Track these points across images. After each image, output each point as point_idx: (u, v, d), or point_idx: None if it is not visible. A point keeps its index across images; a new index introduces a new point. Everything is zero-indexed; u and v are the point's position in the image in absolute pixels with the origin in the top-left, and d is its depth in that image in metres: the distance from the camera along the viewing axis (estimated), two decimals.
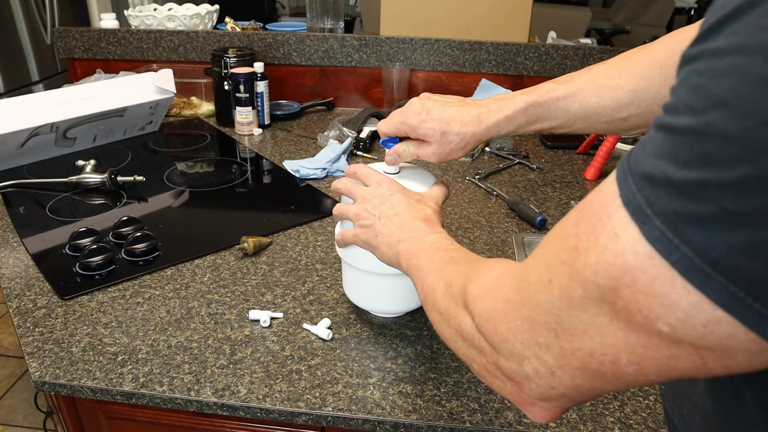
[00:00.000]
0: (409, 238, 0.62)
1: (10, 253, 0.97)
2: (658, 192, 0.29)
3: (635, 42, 4.50)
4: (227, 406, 0.68)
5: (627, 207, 0.31)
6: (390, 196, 0.67)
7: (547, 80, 0.69)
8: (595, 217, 0.33)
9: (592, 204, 0.34)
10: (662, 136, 0.30)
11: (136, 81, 1.40)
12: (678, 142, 0.29)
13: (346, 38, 1.63)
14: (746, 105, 0.26)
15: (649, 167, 0.30)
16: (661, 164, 0.29)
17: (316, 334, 0.78)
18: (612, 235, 0.31)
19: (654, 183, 0.29)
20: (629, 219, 0.30)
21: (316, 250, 0.98)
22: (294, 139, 1.47)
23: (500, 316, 0.40)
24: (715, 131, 0.27)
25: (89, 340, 0.77)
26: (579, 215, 0.34)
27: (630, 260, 0.30)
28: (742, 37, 0.27)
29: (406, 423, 0.66)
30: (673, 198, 0.29)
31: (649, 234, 0.29)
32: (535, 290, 0.37)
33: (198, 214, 1.11)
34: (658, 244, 0.29)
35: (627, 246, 0.30)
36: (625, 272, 0.31)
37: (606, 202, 0.32)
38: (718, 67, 0.28)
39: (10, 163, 1.28)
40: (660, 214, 0.29)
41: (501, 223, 1.08)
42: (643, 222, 0.30)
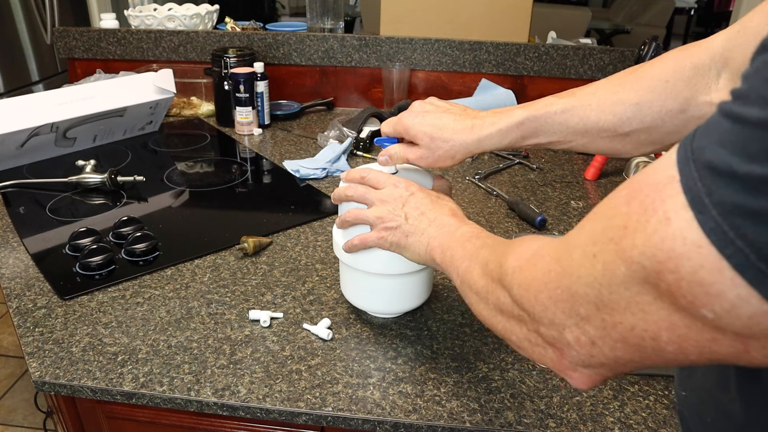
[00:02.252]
0: (441, 233, 0.62)
1: (10, 253, 0.97)
2: (719, 182, 0.28)
3: (635, 42, 4.50)
4: (227, 406, 0.68)
5: (686, 194, 0.30)
6: (410, 195, 0.67)
7: (547, 80, 0.69)
8: (649, 199, 0.32)
9: (647, 184, 0.33)
10: (729, 124, 0.29)
11: (136, 81, 1.40)
12: (746, 133, 0.28)
13: (346, 38, 1.63)
14: None
15: (713, 156, 0.29)
16: (725, 154, 0.28)
17: (316, 334, 0.78)
18: (664, 219, 0.31)
19: (716, 173, 0.29)
20: (686, 205, 0.30)
21: (316, 250, 0.98)
22: (294, 139, 1.47)
23: (540, 286, 0.40)
24: None
25: (89, 340, 0.77)
26: (631, 193, 0.34)
27: (677, 246, 0.30)
28: None
29: (406, 423, 0.66)
30: (734, 190, 0.28)
31: (704, 224, 0.29)
32: (578, 263, 0.37)
33: (198, 214, 1.11)
34: (713, 236, 0.29)
35: (677, 232, 0.30)
36: (670, 257, 0.30)
37: (663, 184, 0.31)
38: None
39: (10, 163, 1.28)
40: (718, 205, 0.28)
41: (501, 223, 1.08)
42: (700, 211, 0.29)
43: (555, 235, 1.04)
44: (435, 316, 0.82)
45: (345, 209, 0.72)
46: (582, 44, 1.62)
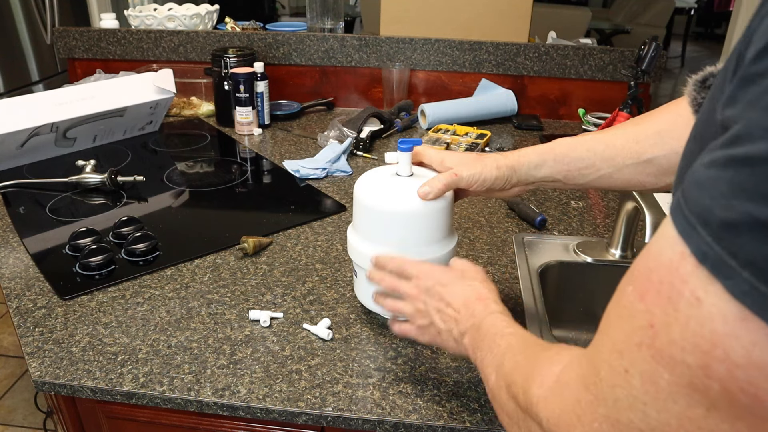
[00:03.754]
0: (469, 328, 0.58)
1: (10, 253, 0.97)
2: (742, 238, 0.25)
3: (635, 42, 4.50)
4: (227, 406, 0.68)
5: (704, 263, 0.26)
6: (433, 286, 0.63)
7: (547, 80, 0.70)
8: (666, 285, 0.28)
9: (654, 271, 0.29)
10: (734, 171, 0.25)
11: (136, 81, 1.40)
12: (759, 173, 0.24)
13: (346, 38, 1.63)
14: None
15: (725, 211, 0.25)
16: (740, 204, 0.25)
17: (316, 334, 0.78)
18: (693, 301, 0.26)
19: (735, 228, 0.25)
20: (710, 277, 0.26)
21: (316, 250, 0.98)
22: (294, 139, 1.47)
23: (572, 420, 0.34)
24: None
25: (89, 340, 0.77)
26: (641, 286, 0.30)
27: (718, 327, 0.25)
28: None
29: (406, 423, 0.66)
30: (762, 241, 0.24)
31: (736, 289, 0.25)
32: (610, 385, 0.31)
33: (198, 214, 1.11)
34: (750, 300, 0.24)
35: (713, 309, 0.26)
36: (715, 343, 0.25)
37: (674, 265, 0.27)
38: None
39: (10, 163, 1.28)
40: (748, 265, 0.24)
41: (501, 223, 1.08)
42: (727, 277, 0.25)
43: (555, 234, 1.04)
44: None
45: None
46: (582, 44, 1.62)
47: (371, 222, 0.73)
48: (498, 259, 0.96)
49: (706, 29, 7.81)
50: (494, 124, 1.58)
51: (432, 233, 0.72)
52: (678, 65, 6.52)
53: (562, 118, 1.65)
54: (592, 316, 1.01)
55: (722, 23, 7.59)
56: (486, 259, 0.96)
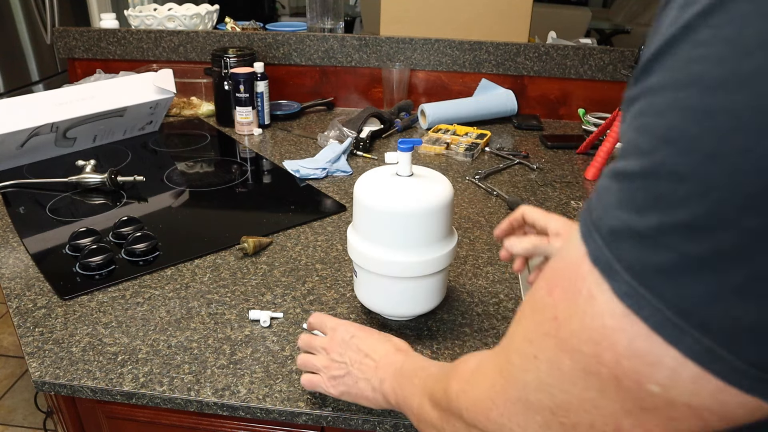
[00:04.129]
0: (389, 373, 0.59)
1: (10, 253, 0.97)
2: (624, 245, 0.28)
3: (635, 42, 4.51)
4: (227, 406, 0.68)
5: (596, 264, 0.29)
6: (351, 338, 0.65)
7: (547, 80, 0.69)
8: (569, 282, 0.31)
9: (561, 269, 0.32)
10: (616, 184, 0.29)
11: (136, 81, 1.40)
12: (632, 187, 0.28)
13: (346, 38, 1.63)
14: (689, 140, 0.25)
15: (612, 220, 0.29)
16: (621, 214, 0.28)
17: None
18: (588, 298, 0.30)
19: (618, 236, 0.28)
20: (602, 277, 0.29)
21: (316, 250, 0.98)
22: (294, 139, 1.47)
23: (488, 404, 0.38)
24: (665, 170, 0.26)
25: (89, 340, 0.77)
26: (550, 283, 0.33)
27: (608, 322, 0.29)
28: (676, 71, 0.26)
29: (406, 423, 0.66)
30: (637, 249, 0.27)
31: (619, 290, 0.28)
32: (521, 369, 0.35)
33: (198, 214, 1.11)
34: (629, 300, 0.28)
35: (604, 306, 0.29)
36: (605, 336, 0.29)
37: (577, 264, 0.31)
38: (657, 104, 0.27)
39: (10, 163, 1.28)
40: (628, 269, 0.28)
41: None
42: (613, 278, 0.28)
43: None
44: (435, 316, 0.82)
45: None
46: (582, 44, 1.62)
47: (371, 222, 0.73)
48: (498, 259, 0.96)
49: None
50: (494, 124, 1.58)
51: (432, 233, 0.72)
52: None
53: (562, 118, 1.65)
54: None
55: None
56: (486, 259, 0.96)
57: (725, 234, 0.25)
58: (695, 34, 0.25)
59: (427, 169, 0.76)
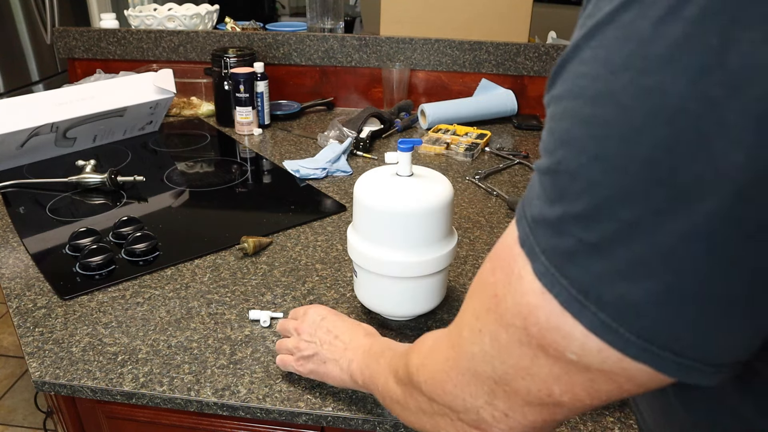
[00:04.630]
0: (358, 355, 0.62)
1: (10, 253, 0.97)
2: (540, 231, 0.32)
3: None
4: (227, 406, 0.68)
5: (522, 247, 0.33)
6: (321, 320, 0.68)
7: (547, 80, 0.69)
8: (506, 263, 0.35)
9: (501, 250, 0.36)
10: (536, 177, 0.33)
11: (136, 81, 1.40)
12: (544, 181, 0.32)
13: (346, 38, 1.63)
14: (579, 143, 0.29)
15: (534, 209, 0.33)
16: (539, 204, 0.32)
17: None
18: (519, 278, 0.33)
19: (537, 223, 0.32)
20: (526, 259, 0.33)
21: (316, 250, 0.98)
22: (294, 139, 1.47)
23: (443, 376, 0.41)
24: (563, 168, 0.30)
25: (89, 340, 0.77)
26: (494, 263, 0.36)
27: (531, 299, 0.32)
28: (569, 84, 0.30)
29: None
30: (548, 235, 0.31)
31: (537, 270, 0.32)
32: (470, 342, 0.38)
33: (198, 214, 1.11)
34: (544, 279, 0.31)
35: (528, 285, 0.33)
36: (530, 311, 0.33)
37: (511, 246, 0.34)
38: (557, 111, 0.31)
39: (10, 163, 1.28)
40: (544, 252, 0.31)
41: (501, 223, 1.08)
42: (534, 260, 0.32)
43: None
44: (435, 316, 0.82)
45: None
46: None
47: (371, 222, 0.73)
48: None
49: None
50: (494, 124, 1.58)
51: (432, 233, 0.72)
52: None
53: None
54: None
55: None
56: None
57: (608, 224, 0.29)
58: (581, 53, 0.30)
59: (427, 169, 0.76)
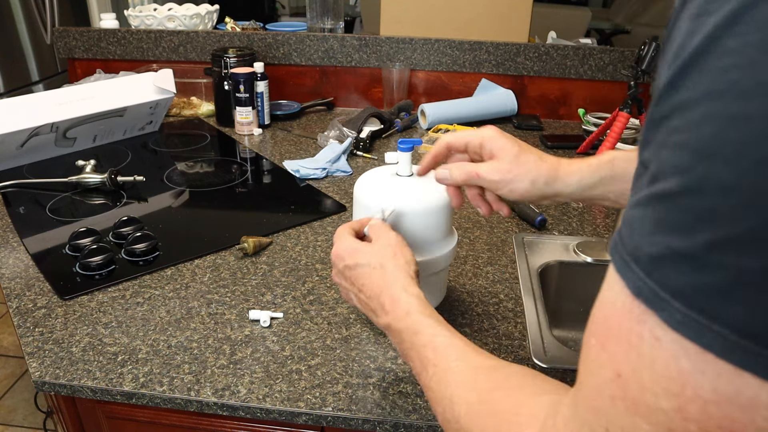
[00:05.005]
0: (387, 327, 0.57)
1: (10, 253, 0.97)
2: (667, 271, 0.25)
3: (635, 42, 4.50)
4: (227, 406, 0.68)
5: (639, 297, 0.27)
6: (343, 270, 0.63)
7: (547, 80, 0.67)
8: (624, 330, 0.28)
9: (610, 318, 0.29)
10: (652, 208, 0.27)
11: (136, 81, 1.40)
12: (673, 208, 0.26)
13: (346, 38, 1.63)
14: (733, 147, 0.24)
15: (651, 246, 0.26)
16: (661, 239, 0.26)
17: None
18: (653, 342, 0.26)
19: (660, 261, 0.26)
20: (650, 311, 0.26)
21: (316, 250, 0.98)
22: (294, 139, 1.47)
23: None
24: (710, 185, 0.24)
25: (89, 340, 0.77)
26: (600, 336, 0.29)
27: (684, 365, 0.25)
28: (707, 83, 0.25)
29: (406, 423, 0.66)
30: (685, 272, 0.25)
31: (670, 320, 0.25)
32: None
33: (198, 214, 1.11)
34: (684, 329, 0.25)
35: (675, 346, 0.25)
36: (684, 383, 0.25)
37: (627, 307, 0.28)
38: (692, 118, 0.26)
39: (10, 163, 1.28)
40: (677, 295, 0.25)
41: (501, 223, 1.08)
42: (661, 308, 0.26)
43: (555, 234, 1.04)
44: None
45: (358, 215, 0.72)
46: (582, 44, 1.62)
47: None
48: (498, 259, 0.96)
49: None
50: (494, 124, 1.58)
51: (432, 233, 0.72)
52: None
53: (562, 118, 1.64)
54: None
55: None
56: (486, 259, 0.96)
57: None
58: (722, 44, 0.25)
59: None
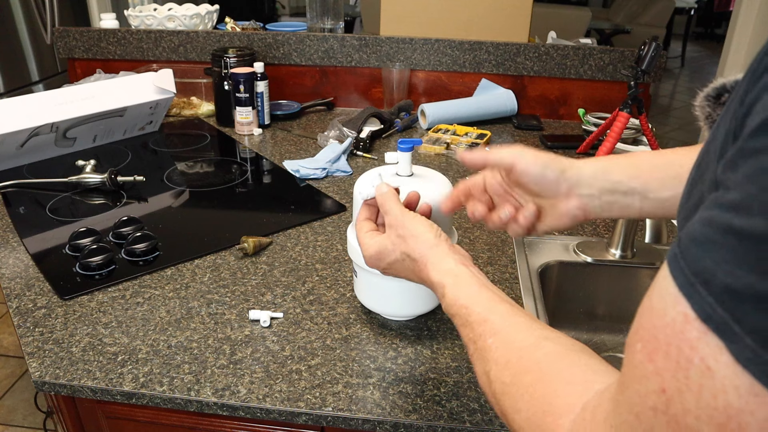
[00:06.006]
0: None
1: (10, 253, 0.97)
2: (746, 307, 0.25)
3: (635, 42, 4.50)
4: (227, 406, 0.68)
5: (708, 323, 0.26)
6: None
7: (547, 80, 0.67)
8: (674, 348, 0.28)
9: (660, 330, 0.29)
10: (735, 240, 0.26)
11: (136, 81, 1.40)
12: (759, 249, 0.25)
13: (346, 38, 1.63)
14: None
15: (728, 278, 0.25)
16: (742, 273, 0.25)
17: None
18: (704, 370, 0.26)
19: (739, 297, 0.25)
20: (719, 345, 0.26)
21: (316, 250, 0.98)
22: (294, 139, 1.47)
23: None
24: None
25: (89, 340, 0.77)
26: (648, 344, 0.29)
27: (732, 400, 0.25)
28: None
29: (406, 423, 0.66)
30: (765, 313, 0.24)
31: (740, 354, 0.25)
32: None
33: (198, 214, 1.11)
34: (753, 367, 0.25)
35: (726, 381, 0.25)
36: (730, 416, 0.25)
37: (679, 327, 0.27)
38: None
39: (10, 163, 1.28)
40: (752, 332, 0.25)
41: None
42: (731, 341, 0.25)
43: (555, 234, 1.04)
44: (435, 316, 0.82)
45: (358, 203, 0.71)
46: (582, 44, 1.62)
47: None
48: (498, 259, 0.97)
49: (706, 29, 7.81)
50: (494, 124, 1.58)
51: None
52: (678, 65, 6.52)
53: (562, 118, 1.65)
54: (592, 316, 1.01)
55: (722, 23, 7.59)
56: (486, 259, 0.96)
57: None
58: None
59: (427, 169, 0.76)
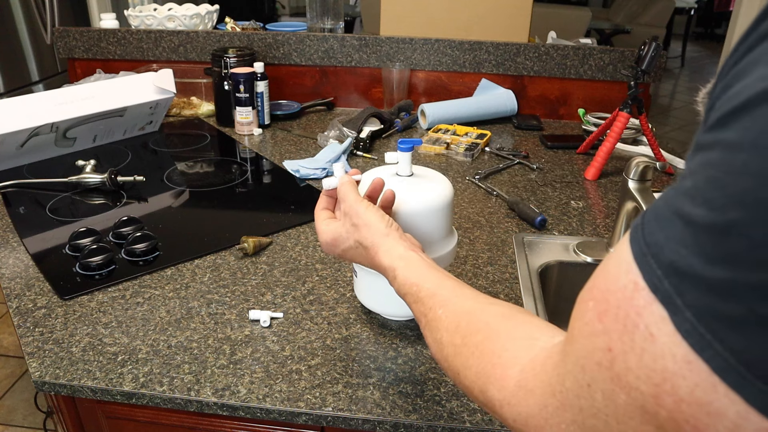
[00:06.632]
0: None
1: (10, 253, 0.97)
2: (686, 284, 0.27)
3: (635, 42, 4.50)
4: (227, 406, 0.68)
5: (654, 293, 0.28)
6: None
7: (547, 80, 0.67)
8: (622, 312, 0.30)
9: (611, 292, 0.31)
10: (682, 224, 0.28)
11: (136, 81, 1.40)
12: (701, 236, 0.27)
13: (346, 38, 1.63)
14: (764, 208, 0.24)
15: (674, 255, 0.28)
16: (685, 254, 0.27)
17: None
18: (647, 336, 0.29)
19: (681, 274, 0.27)
20: (662, 314, 0.28)
21: (316, 250, 0.98)
22: (294, 139, 1.47)
23: (540, 422, 0.37)
24: (737, 232, 0.25)
25: (89, 340, 0.77)
26: (599, 306, 0.32)
27: (669, 365, 0.28)
28: (755, 134, 0.25)
29: (406, 423, 0.66)
30: (702, 293, 0.27)
31: (680, 326, 0.27)
32: (575, 395, 0.34)
33: (198, 214, 1.11)
34: (691, 339, 0.27)
35: (665, 348, 0.28)
36: (665, 378, 0.28)
37: (630, 290, 0.30)
38: (732, 163, 0.26)
39: (10, 163, 1.28)
40: (690, 306, 0.27)
41: (501, 223, 1.08)
42: (674, 312, 0.27)
43: (555, 234, 1.04)
44: None
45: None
46: (582, 44, 1.62)
47: None
48: (498, 259, 0.96)
49: (706, 29, 7.81)
50: (494, 124, 1.58)
51: (432, 233, 0.72)
52: (678, 65, 6.52)
53: (562, 118, 1.65)
54: None
55: (722, 23, 7.59)
56: (486, 259, 0.96)
57: None
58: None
59: (427, 169, 0.76)
